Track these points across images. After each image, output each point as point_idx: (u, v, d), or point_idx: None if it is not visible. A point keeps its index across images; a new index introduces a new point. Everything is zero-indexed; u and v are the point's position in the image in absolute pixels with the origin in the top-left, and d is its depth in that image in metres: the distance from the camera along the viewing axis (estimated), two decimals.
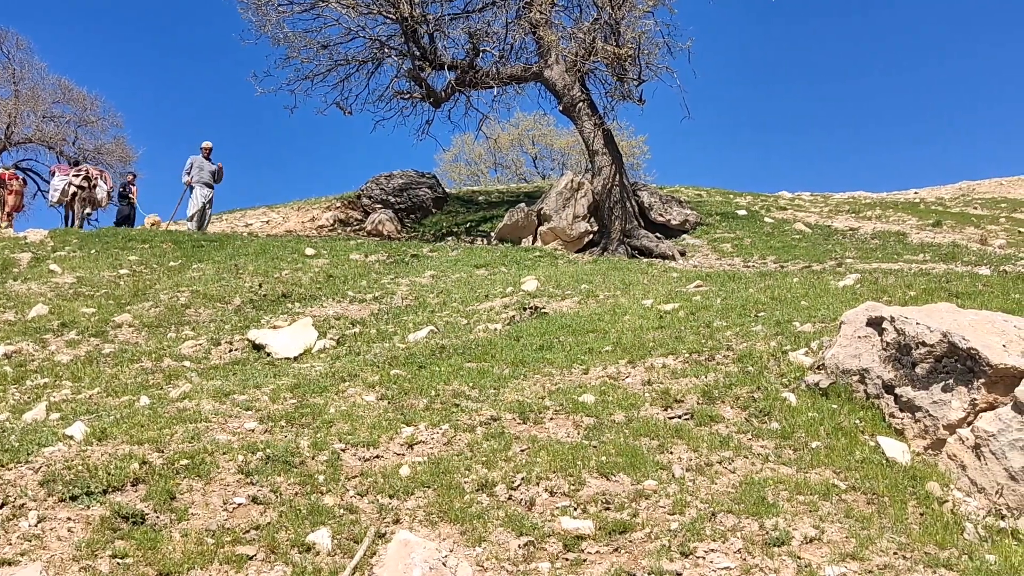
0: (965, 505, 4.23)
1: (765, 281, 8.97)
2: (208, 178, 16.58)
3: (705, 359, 6.14)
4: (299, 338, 8.15)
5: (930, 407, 4.75)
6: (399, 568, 3.64)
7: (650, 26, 15.05)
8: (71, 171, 18.19)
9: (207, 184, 16.59)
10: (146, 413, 5.54)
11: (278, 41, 16.47)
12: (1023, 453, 4.19)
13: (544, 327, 7.46)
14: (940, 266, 11.13)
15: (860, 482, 4.35)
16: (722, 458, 4.59)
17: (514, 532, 3.97)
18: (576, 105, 15.37)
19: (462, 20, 16.68)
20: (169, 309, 9.79)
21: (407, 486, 4.40)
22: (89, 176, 17.99)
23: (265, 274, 11.31)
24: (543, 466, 4.52)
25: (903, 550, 3.76)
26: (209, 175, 16.59)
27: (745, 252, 14.39)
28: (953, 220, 17.60)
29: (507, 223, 15.69)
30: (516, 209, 15.83)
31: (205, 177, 16.54)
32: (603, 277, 9.97)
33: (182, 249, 13.23)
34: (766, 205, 19.85)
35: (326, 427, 5.16)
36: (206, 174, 16.54)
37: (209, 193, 16.70)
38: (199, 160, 16.58)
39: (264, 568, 3.74)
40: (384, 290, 10.38)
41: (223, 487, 4.39)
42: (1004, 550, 3.78)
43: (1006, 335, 4.70)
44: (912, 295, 7.27)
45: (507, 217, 15.83)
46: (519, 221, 15.50)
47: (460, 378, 6.10)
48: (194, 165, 16.52)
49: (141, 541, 3.81)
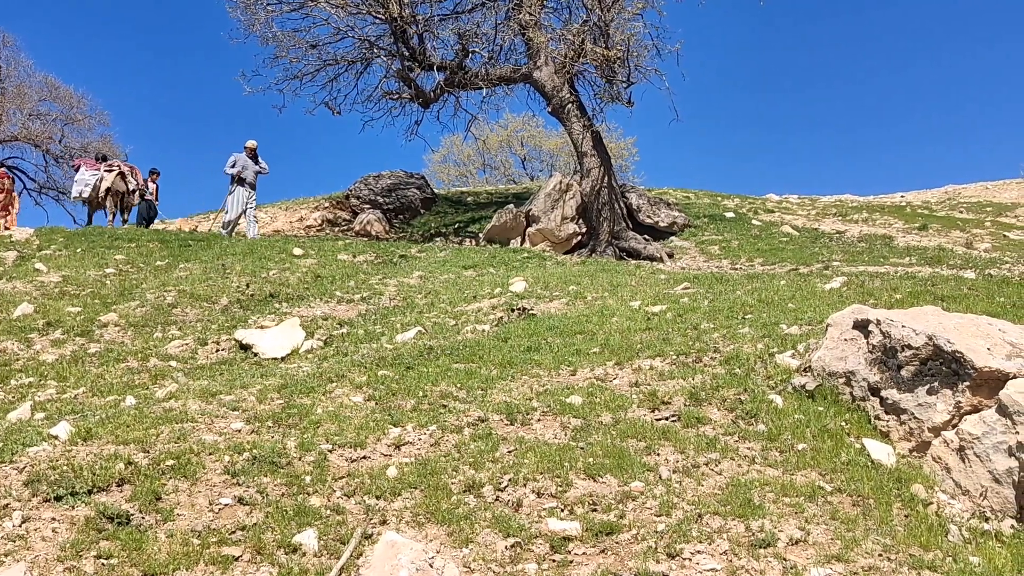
0: (949, 507, 4.26)
1: (752, 283, 9.01)
2: (252, 178, 15.93)
3: (692, 361, 6.16)
4: (286, 338, 8.13)
5: (915, 409, 4.78)
6: (386, 569, 3.63)
7: (639, 28, 15.12)
8: (102, 166, 17.15)
9: (251, 184, 15.91)
10: (132, 413, 5.51)
11: (267, 40, 16.44)
12: (1007, 456, 4.22)
13: (532, 328, 7.47)
14: (926, 269, 11.20)
15: (846, 484, 4.37)
16: (709, 460, 4.60)
17: (501, 533, 3.97)
18: (565, 107, 15.40)
19: (451, 21, 16.69)
20: (156, 308, 9.74)
21: (394, 487, 4.39)
22: (123, 172, 17.10)
23: (252, 274, 11.27)
24: (530, 467, 4.53)
25: (888, 552, 3.78)
26: (253, 175, 15.91)
27: (733, 254, 14.45)
28: (939, 224, 17.71)
29: (495, 224, 15.70)
30: (504, 210, 15.83)
31: (249, 176, 15.89)
32: (591, 279, 9.99)
33: (169, 248, 13.17)
34: (754, 208, 19.93)
35: (313, 428, 5.14)
36: (250, 173, 15.88)
37: (251, 194, 15.97)
38: (242, 158, 15.88)
39: (250, 569, 3.73)
40: (372, 291, 10.37)
41: (209, 488, 4.37)
42: (988, 552, 3.80)
43: (991, 338, 4.73)
44: (898, 298, 7.31)
45: (495, 218, 15.84)
46: (507, 222, 15.50)
47: (448, 379, 6.10)
48: (237, 162, 15.83)
49: (126, 541, 3.79)
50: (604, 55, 14.69)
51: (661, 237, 15.85)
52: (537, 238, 15.06)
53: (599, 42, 14.99)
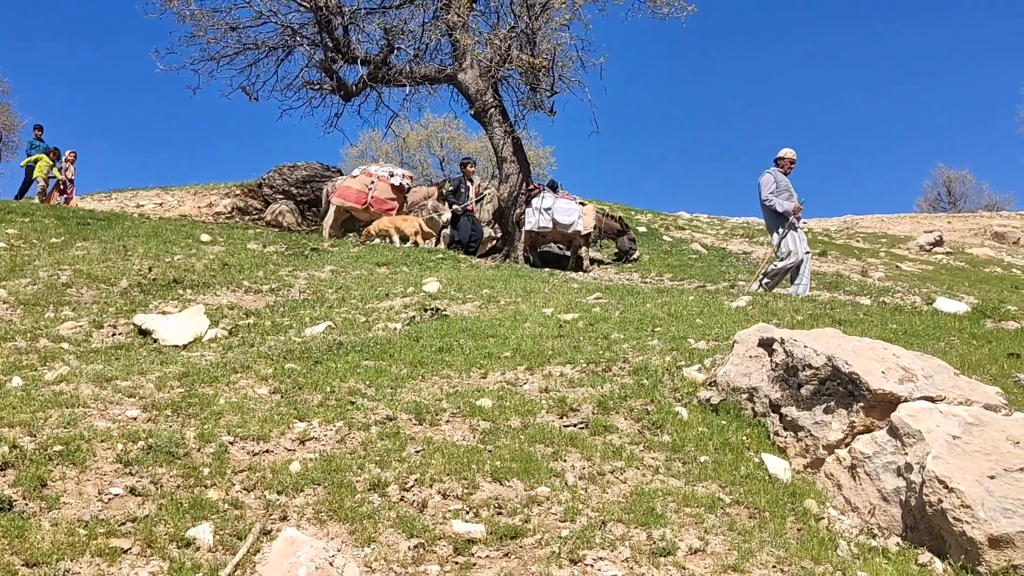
0: (840, 523, 4.42)
1: (662, 297, 9.18)
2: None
3: (602, 370, 6.23)
4: (190, 325, 7.85)
5: (812, 427, 4.95)
6: (284, 567, 3.54)
7: (565, 39, 15.24)
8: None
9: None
10: (18, 395, 5.23)
11: (184, 18, 15.86)
12: (896, 476, 4.41)
13: (444, 329, 7.42)
14: (825, 294, 11.65)
15: (744, 497, 4.49)
16: (614, 468, 4.66)
17: (404, 533, 3.92)
18: (488, 111, 15.40)
19: (378, 15, 16.48)
20: (48, 287, 9.28)
21: (297, 483, 4.28)
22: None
23: (156, 257, 10.85)
24: (437, 468, 4.49)
25: (781, 564, 3.89)
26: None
27: (643, 268, 14.73)
28: (837, 251, 18.47)
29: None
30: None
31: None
32: (505, 283, 10.01)
33: (66, 226, 12.57)
34: (666, 224, 20.37)
35: (214, 418, 4.98)
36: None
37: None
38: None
39: (139, 562, 3.57)
40: (281, 282, 10.13)
41: (99, 476, 4.18)
42: (875, 568, 3.96)
43: (885, 362, 4.94)
44: (800, 319, 7.57)
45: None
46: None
47: (357, 376, 6.00)
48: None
49: (8, 529, 3.58)
50: (530, 62, 14.77)
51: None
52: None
53: (525, 49, 15.06)
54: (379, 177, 15.40)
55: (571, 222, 14.50)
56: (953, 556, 3.97)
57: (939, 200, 46.33)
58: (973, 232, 27.29)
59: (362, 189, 15.27)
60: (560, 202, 14.66)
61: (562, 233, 14.77)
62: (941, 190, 46.78)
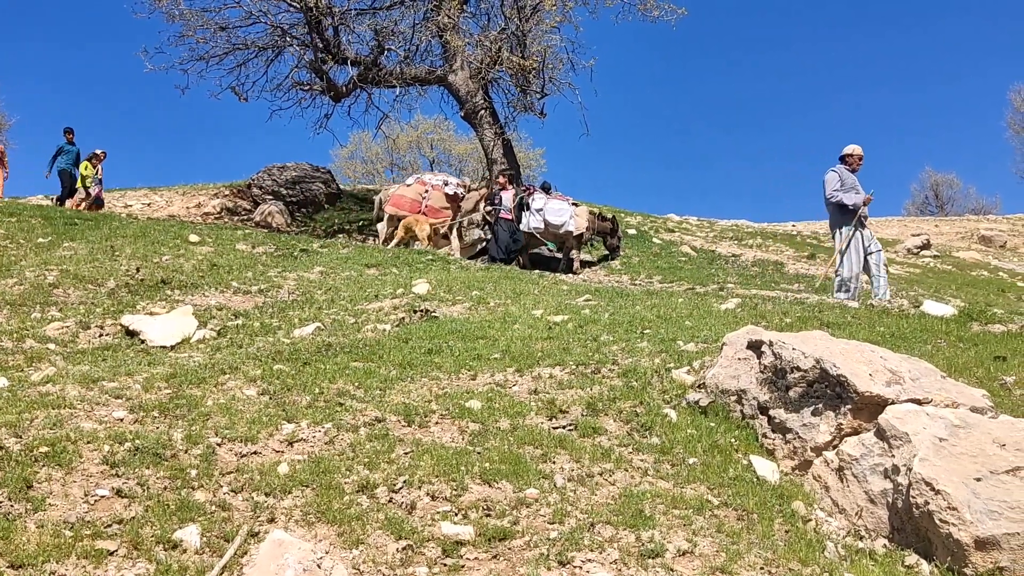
0: (827, 525, 4.43)
1: (652, 300, 9.20)
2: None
3: (591, 372, 6.23)
4: (177, 326, 7.81)
5: (800, 429, 4.97)
6: (271, 569, 3.52)
7: (556, 41, 15.30)
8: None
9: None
10: (3, 396, 5.19)
11: (173, 17, 15.89)
12: (883, 478, 4.43)
13: (434, 331, 7.42)
14: (813, 297, 11.67)
15: (732, 498, 4.49)
16: (603, 470, 4.66)
17: (393, 535, 3.91)
18: (478, 112, 15.42)
19: (368, 16, 16.51)
20: (35, 287, 9.22)
21: (285, 484, 4.27)
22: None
23: (144, 258, 10.81)
24: (426, 470, 4.48)
25: (769, 565, 3.90)
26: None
27: (633, 270, 14.76)
28: (825, 254, 18.50)
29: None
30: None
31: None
32: (494, 285, 10.00)
33: (53, 226, 12.50)
34: (655, 226, 20.41)
35: (202, 420, 4.95)
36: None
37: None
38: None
39: (125, 564, 3.55)
40: (270, 283, 10.10)
41: (85, 478, 4.15)
42: (862, 570, 3.97)
43: (873, 365, 4.96)
44: (788, 322, 7.59)
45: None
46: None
47: (345, 377, 5.99)
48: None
49: None
50: (520, 64, 14.81)
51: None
52: (442, 241, 15.00)
53: (516, 51, 15.10)
54: (433, 186, 15.33)
55: (562, 223, 14.50)
56: (939, 558, 3.99)
57: (927, 204, 46.70)
58: (960, 236, 27.48)
59: (416, 198, 15.20)
60: (552, 203, 14.66)
61: (554, 234, 14.76)
62: (928, 194, 47.16)
